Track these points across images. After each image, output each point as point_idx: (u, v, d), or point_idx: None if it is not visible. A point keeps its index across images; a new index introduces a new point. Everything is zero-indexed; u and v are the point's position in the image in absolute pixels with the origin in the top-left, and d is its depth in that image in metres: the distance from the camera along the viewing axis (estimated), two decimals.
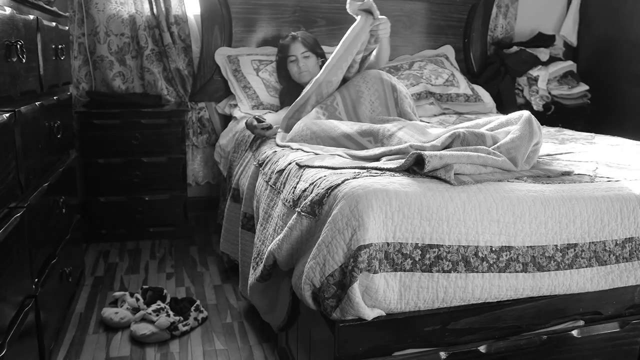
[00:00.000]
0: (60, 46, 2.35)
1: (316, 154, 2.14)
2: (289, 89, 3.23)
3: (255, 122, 2.66)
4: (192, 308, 2.45)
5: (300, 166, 1.93)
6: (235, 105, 3.48)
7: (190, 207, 3.70)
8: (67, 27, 2.62)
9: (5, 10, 1.61)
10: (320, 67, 3.23)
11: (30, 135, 1.83)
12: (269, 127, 2.65)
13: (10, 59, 1.61)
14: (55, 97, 2.27)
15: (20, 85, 1.75)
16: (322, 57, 3.24)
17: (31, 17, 1.91)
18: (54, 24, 2.29)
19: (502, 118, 2.08)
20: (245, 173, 2.60)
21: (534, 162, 1.93)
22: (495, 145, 1.87)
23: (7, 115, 1.57)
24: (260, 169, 2.32)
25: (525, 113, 1.98)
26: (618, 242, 1.75)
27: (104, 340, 2.32)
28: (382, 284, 1.50)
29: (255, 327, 2.41)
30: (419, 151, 1.71)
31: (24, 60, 1.70)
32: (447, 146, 1.88)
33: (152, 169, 3.39)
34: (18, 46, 1.64)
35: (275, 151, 2.33)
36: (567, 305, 1.72)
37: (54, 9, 2.38)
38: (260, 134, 2.66)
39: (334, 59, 2.65)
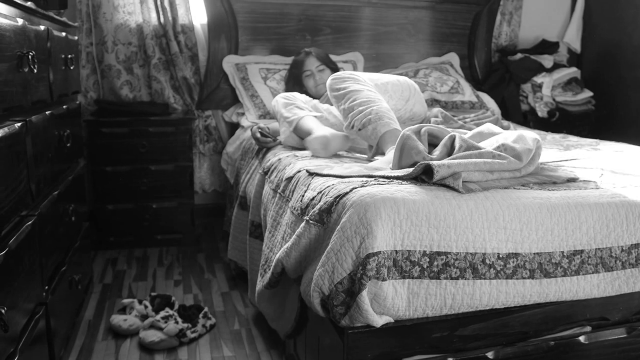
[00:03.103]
0: (69, 56, 2.37)
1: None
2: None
3: (258, 135, 2.70)
4: (200, 315, 2.47)
5: (310, 173, 1.95)
6: (243, 114, 3.50)
7: (197, 214, 3.72)
8: (76, 37, 2.65)
9: (17, 22, 1.63)
10: None
11: (40, 144, 1.85)
12: (273, 140, 2.68)
13: (21, 69, 1.63)
14: (64, 106, 2.29)
15: (31, 95, 1.77)
16: (335, 71, 3.27)
17: (42, 27, 1.94)
18: (63, 34, 2.31)
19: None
20: (252, 181, 2.62)
21: (537, 162, 1.92)
22: (500, 144, 1.88)
23: (19, 124, 1.59)
24: (266, 176, 2.33)
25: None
26: (624, 248, 1.76)
27: (112, 347, 2.33)
28: (391, 291, 1.52)
29: (263, 334, 2.42)
30: (428, 162, 1.72)
31: (35, 71, 1.72)
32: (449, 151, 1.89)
33: (160, 177, 3.41)
34: (29, 57, 1.66)
35: (280, 159, 2.35)
36: (574, 311, 1.73)
37: (64, 19, 2.41)
38: (264, 146, 2.70)
39: None
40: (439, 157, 1.85)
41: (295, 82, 3.29)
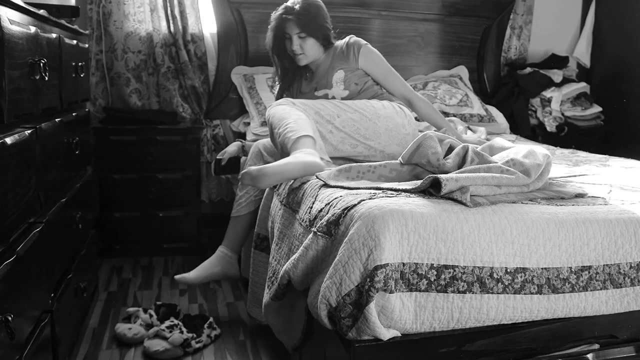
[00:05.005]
0: (80, 63, 2.38)
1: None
2: (291, 68, 2.84)
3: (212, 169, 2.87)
4: (205, 325, 2.46)
5: (319, 178, 1.96)
6: (249, 124, 3.50)
7: (204, 223, 3.71)
8: (86, 45, 2.66)
9: (30, 30, 1.64)
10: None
11: (49, 151, 1.86)
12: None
13: (33, 77, 1.64)
14: (74, 114, 2.30)
15: (41, 102, 1.78)
16: (325, 45, 2.74)
17: (54, 35, 1.95)
18: (74, 41, 2.32)
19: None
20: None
21: (546, 178, 1.92)
22: (509, 158, 1.88)
23: (29, 132, 1.59)
24: (275, 189, 2.33)
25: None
26: (633, 265, 1.74)
27: (117, 356, 2.33)
28: (398, 303, 1.51)
29: (268, 345, 2.41)
30: (436, 175, 1.72)
31: (46, 78, 1.73)
32: (461, 162, 1.91)
33: (167, 186, 3.41)
34: (41, 64, 1.67)
35: None
36: (582, 328, 1.72)
37: (75, 27, 2.42)
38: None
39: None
40: (452, 164, 1.88)
41: (276, 42, 2.78)
